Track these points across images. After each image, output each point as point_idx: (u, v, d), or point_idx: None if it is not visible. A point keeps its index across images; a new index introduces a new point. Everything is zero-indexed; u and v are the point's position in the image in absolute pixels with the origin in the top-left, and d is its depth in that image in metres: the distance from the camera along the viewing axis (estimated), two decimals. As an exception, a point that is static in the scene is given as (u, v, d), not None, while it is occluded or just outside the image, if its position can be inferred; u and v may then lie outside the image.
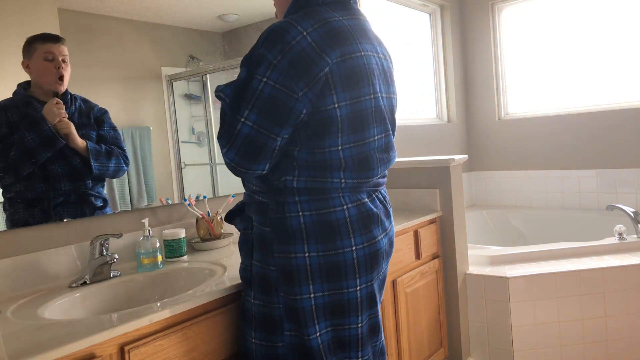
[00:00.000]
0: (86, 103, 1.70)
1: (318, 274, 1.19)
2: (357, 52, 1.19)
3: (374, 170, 1.26)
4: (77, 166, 1.65)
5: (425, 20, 3.78)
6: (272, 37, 1.13)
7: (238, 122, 1.13)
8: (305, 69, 1.12)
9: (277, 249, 1.21)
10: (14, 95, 1.53)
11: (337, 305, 1.22)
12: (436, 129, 3.64)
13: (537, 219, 3.61)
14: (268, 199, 1.24)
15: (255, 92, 1.12)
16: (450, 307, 2.48)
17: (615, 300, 2.33)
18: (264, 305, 1.25)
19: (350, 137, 1.19)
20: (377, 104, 1.24)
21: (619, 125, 3.34)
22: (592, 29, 3.46)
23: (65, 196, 1.62)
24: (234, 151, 1.14)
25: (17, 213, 1.53)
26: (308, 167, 1.19)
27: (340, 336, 1.24)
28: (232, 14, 2.22)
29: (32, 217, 1.55)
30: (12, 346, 1.03)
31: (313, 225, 1.19)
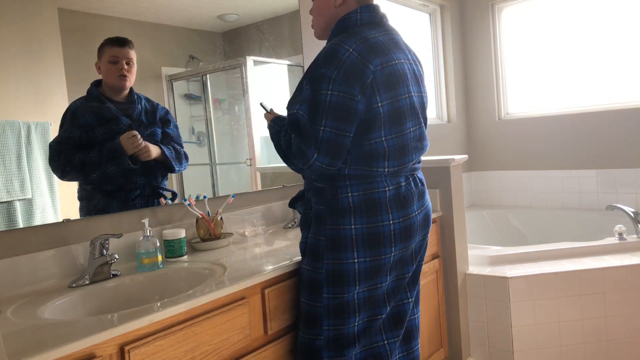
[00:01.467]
0: (150, 102, 1.87)
1: (361, 242, 1.44)
2: (393, 61, 1.45)
3: (411, 156, 1.51)
4: (150, 164, 1.84)
5: (425, 20, 3.78)
6: (327, 58, 1.39)
7: (319, 131, 1.37)
8: (358, 77, 1.37)
9: (329, 222, 1.46)
10: (88, 94, 1.69)
11: (375, 269, 1.46)
12: (436, 129, 3.64)
13: (537, 219, 3.61)
14: (325, 184, 1.49)
15: (325, 104, 1.37)
16: (450, 307, 2.48)
17: (615, 300, 2.33)
18: (311, 270, 1.48)
19: (391, 129, 1.44)
20: (412, 102, 1.49)
21: (619, 125, 3.34)
22: (592, 29, 3.46)
23: (141, 189, 1.83)
24: (324, 154, 1.37)
25: (93, 203, 1.71)
26: (358, 157, 1.44)
27: (373, 295, 1.49)
28: (232, 14, 2.23)
29: (109, 206, 1.74)
30: (12, 346, 1.03)
31: (360, 203, 1.45)
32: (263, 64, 2.40)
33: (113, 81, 1.75)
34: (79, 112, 1.66)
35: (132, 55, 1.79)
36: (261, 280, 1.47)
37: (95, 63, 1.71)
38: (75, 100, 1.65)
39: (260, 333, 1.49)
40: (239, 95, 2.30)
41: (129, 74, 1.79)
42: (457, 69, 3.88)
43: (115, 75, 1.75)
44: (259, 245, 1.93)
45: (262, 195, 2.32)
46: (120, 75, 1.76)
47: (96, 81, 1.71)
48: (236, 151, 2.29)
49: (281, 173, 2.44)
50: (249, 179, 2.34)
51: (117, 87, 1.76)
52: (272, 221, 2.33)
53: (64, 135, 1.63)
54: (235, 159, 2.30)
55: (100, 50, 1.72)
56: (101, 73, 1.73)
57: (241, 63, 2.28)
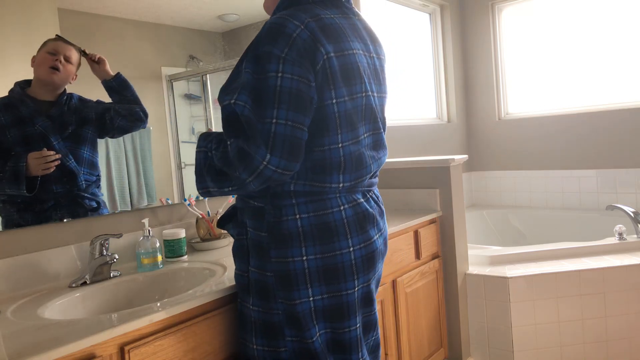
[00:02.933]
0: (82, 101, 1.70)
1: (316, 276, 1.18)
2: (349, 50, 1.19)
3: (368, 169, 1.25)
4: (69, 167, 1.64)
5: (425, 20, 3.78)
6: (272, 33, 1.11)
7: (269, 124, 1.07)
8: (311, 59, 1.11)
9: (274, 254, 1.19)
10: (9, 93, 1.53)
11: (336, 308, 1.21)
12: (436, 129, 3.64)
13: (537, 219, 3.60)
14: (264, 203, 1.21)
15: (275, 89, 1.08)
16: (450, 307, 2.48)
17: (615, 300, 2.33)
18: (263, 312, 1.23)
19: (348, 134, 1.18)
20: (369, 102, 1.23)
21: (619, 125, 3.34)
22: (592, 29, 3.46)
23: (57, 199, 1.62)
24: (278, 155, 1.07)
25: (10, 216, 1.53)
26: (307, 169, 1.17)
27: (338, 339, 1.24)
28: (232, 14, 2.22)
29: (24, 220, 1.55)
30: (12, 346, 1.03)
31: (311, 227, 1.18)
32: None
33: (42, 73, 1.58)
34: None
35: (74, 56, 1.65)
36: (261, 280, 1.47)
37: (32, 57, 1.56)
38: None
39: (260, 333, 1.49)
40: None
41: (63, 69, 1.61)
42: (457, 69, 3.88)
43: (46, 66, 1.58)
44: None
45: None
46: (52, 66, 1.58)
47: (24, 81, 1.56)
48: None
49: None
50: (249, 179, 2.33)
51: (46, 80, 1.59)
52: (272, 221, 2.32)
53: None
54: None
55: (43, 44, 1.59)
56: (34, 66, 1.56)
57: (241, 63, 2.28)
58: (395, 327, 2.13)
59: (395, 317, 2.13)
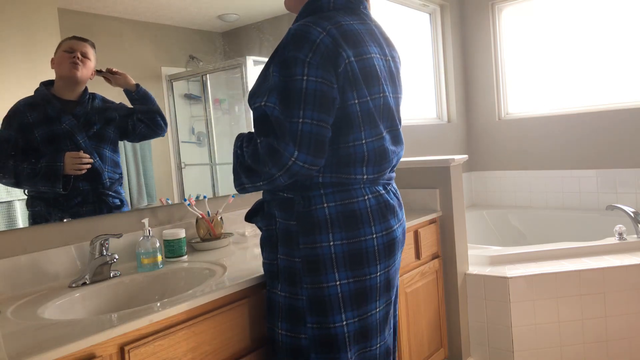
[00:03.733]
0: (105, 102, 1.76)
1: (342, 261, 1.26)
2: (368, 54, 1.28)
3: (389, 162, 1.35)
4: (93, 165, 1.70)
5: (425, 20, 3.78)
6: (296, 39, 1.21)
7: (296, 123, 1.17)
8: (334, 63, 1.20)
9: (302, 241, 1.28)
10: (35, 93, 1.59)
11: (362, 292, 1.29)
12: (436, 129, 3.64)
13: (537, 219, 3.61)
14: (294, 194, 1.30)
15: (301, 91, 1.18)
16: (450, 307, 2.48)
17: (615, 300, 2.33)
18: (290, 297, 1.31)
19: (371, 131, 1.28)
20: (386, 102, 1.33)
21: (619, 125, 3.34)
22: (592, 29, 3.46)
23: (83, 196, 1.68)
24: (305, 151, 1.17)
25: (38, 211, 1.59)
26: (333, 163, 1.27)
27: (364, 325, 1.31)
28: (232, 14, 2.22)
29: (51, 215, 1.61)
30: (12, 346, 1.03)
31: (337, 215, 1.27)
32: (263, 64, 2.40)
33: (64, 70, 1.63)
34: (20, 112, 1.55)
35: (90, 52, 1.69)
36: (261, 280, 1.47)
37: (51, 59, 1.61)
38: (20, 99, 1.55)
39: (260, 333, 1.49)
40: (239, 95, 2.30)
41: (83, 65, 1.67)
42: (457, 69, 3.88)
43: (67, 63, 1.64)
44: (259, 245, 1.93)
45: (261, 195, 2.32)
46: (72, 62, 1.64)
47: (48, 80, 1.61)
48: (236, 151, 2.29)
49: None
50: (249, 179, 2.33)
51: (68, 76, 1.64)
52: (272, 221, 2.32)
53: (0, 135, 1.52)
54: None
55: (58, 45, 1.63)
56: (54, 66, 1.62)
57: (241, 63, 2.28)
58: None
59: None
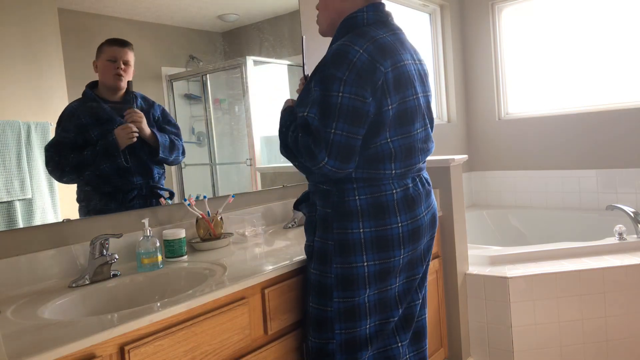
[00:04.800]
0: (146, 101, 1.86)
1: (370, 245, 1.44)
2: (401, 62, 1.44)
3: (417, 158, 1.52)
4: (146, 162, 1.84)
5: (425, 20, 3.78)
6: (336, 58, 1.38)
7: (330, 134, 1.36)
8: (369, 79, 1.37)
9: (336, 226, 1.46)
10: (83, 96, 1.68)
11: (385, 272, 1.47)
12: (436, 129, 3.63)
13: (537, 219, 3.61)
14: (331, 187, 1.49)
15: (336, 106, 1.36)
16: (450, 307, 2.48)
17: (615, 300, 2.33)
18: (320, 274, 1.48)
19: (397, 130, 1.44)
20: (419, 103, 1.51)
21: (619, 125, 3.34)
22: (592, 29, 3.46)
23: (138, 189, 1.82)
24: (334, 157, 1.37)
25: (92, 204, 1.71)
26: (364, 161, 1.43)
27: (385, 297, 1.49)
28: (232, 14, 2.22)
29: (108, 207, 1.73)
30: (12, 346, 1.03)
31: (367, 206, 1.45)
32: (263, 64, 2.40)
33: (109, 80, 1.75)
34: (75, 114, 1.66)
35: (130, 56, 1.80)
36: (261, 280, 1.47)
37: (93, 62, 1.71)
38: (71, 102, 1.65)
39: (260, 333, 1.49)
40: (239, 95, 2.30)
41: (125, 74, 1.78)
42: (457, 69, 3.88)
43: (111, 74, 1.75)
44: (259, 245, 1.93)
45: (262, 195, 2.32)
46: (116, 74, 1.76)
47: (92, 82, 1.71)
48: (236, 151, 2.29)
49: (281, 173, 2.44)
50: (249, 179, 2.34)
51: (113, 86, 1.76)
52: (272, 221, 2.33)
53: (60, 137, 1.63)
54: (235, 159, 2.30)
55: (99, 49, 1.73)
56: (98, 72, 1.73)
57: (241, 63, 2.28)
58: (395, 327, 2.13)
59: (395, 317, 2.13)
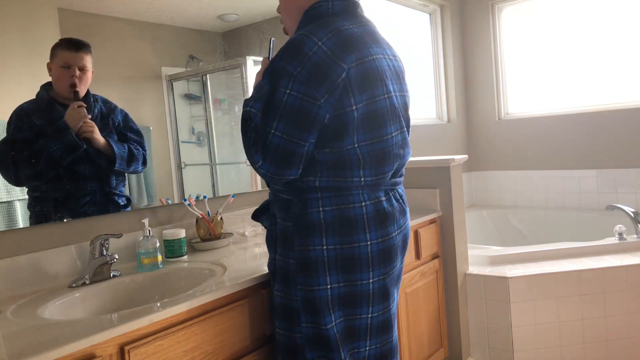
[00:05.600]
0: (107, 104, 1.74)
1: (334, 265, 1.27)
2: (369, 56, 1.27)
3: (390, 165, 1.34)
4: (102, 167, 1.71)
5: (425, 20, 3.78)
6: (290, 50, 1.22)
7: (268, 134, 1.22)
8: (325, 77, 1.20)
9: (297, 242, 1.29)
10: (37, 97, 1.57)
11: (351, 296, 1.29)
12: (436, 129, 3.64)
13: (537, 219, 3.60)
14: (292, 196, 1.32)
15: (280, 104, 1.21)
16: (450, 307, 2.48)
17: (615, 300, 2.33)
18: (284, 297, 1.33)
19: (366, 134, 1.27)
20: (392, 103, 1.32)
21: (619, 125, 3.34)
22: (592, 29, 3.46)
23: (92, 195, 1.69)
24: (269, 161, 1.22)
25: (43, 211, 1.58)
26: (329, 167, 1.27)
27: (351, 326, 1.31)
28: (232, 14, 2.22)
29: (58, 215, 1.60)
30: (12, 346, 1.03)
31: (332, 220, 1.27)
32: (263, 64, 2.40)
33: (62, 89, 1.61)
34: (25, 115, 1.54)
35: (87, 61, 1.65)
36: (261, 280, 1.47)
37: (47, 63, 1.58)
38: (22, 103, 1.53)
39: (260, 333, 1.49)
40: (239, 95, 2.30)
41: (81, 82, 1.63)
42: (457, 69, 3.88)
43: (65, 84, 1.61)
44: (259, 245, 1.93)
45: (262, 195, 2.32)
46: (70, 84, 1.62)
47: (48, 83, 1.58)
48: (236, 151, 2.29)
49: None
50: (249, 179, 2.34)
51: (67, 96, 1.62)
52: (272, 221, 2.32)
53: (12, 137, 1.51)
54: (235, 159, 2.30)
55: (53, 51, 1.59)
56: (52, 76, 1.59)
57: (241, 63, 2.28)
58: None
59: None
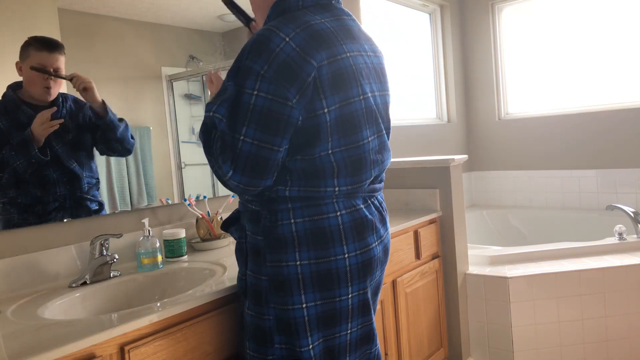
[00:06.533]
0: (77, 103, 1.67)
1: (310, 282, 1.16)
2: (342, 54, 1.16)
3: (368, 173, 1.22)
4: (73, 170, 1.65)
5: (425, 20, 3.78)
6: (256, 47, 1.11)
7: (237, 140, 1.10)
8: (294, 75, 1.09)
9: (269, 258, 1.18)
10: (3, 98, 1.50)
11: (329, 315, 1.19)
12: (436, 129, 3.64)
13: (537, 219, 3.60)
14: (261, 207, 1.21)
15: (248, 107, 1.09)
16: (450, 307, 2.48)
17: (615, 300, 2.33)
18: (256, 316, 1.22)
19: (340, 140, 1.16)
20: (368, 105, 1.21)
21: (619, 125, 3.33)
22: (592, 29, 3.46)
23: (61, 201, 1.62)
24: (240, 172, 1.11)
25: (11, 217, 1.51)
26: (300, 176, 1.16)
27: (330, 346, 1.21)
28: (232, 14, 2.22)
29: (26, 221, 1.54)
30: (12, 346, 1.03)
31: (305, 232, 1.17)
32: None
33: (36, 92, 1.55)
34: None
35: (62, 62, 1.59)
36: (261, 280, 1.47)
37: (16, 62, 1.51)
38: None
39: (260, 333, 1.49)
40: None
41: (55, 85, 1.58)
42: (457, 69, 3.88)
43: (39, 86, 1.55)
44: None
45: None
46: (45, 86, 1.56)
47: (15, 83, 1.52)
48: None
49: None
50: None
51: (40, 99, 1.57)
52: (272, 221, 2.32)
53: None
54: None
55: (25, 49, 1.52)
56: (23, 77, 1.52)
57: (241, 63, 2.28)
58: (395, 327, 2.13)
59: (395, 317, 2.13)
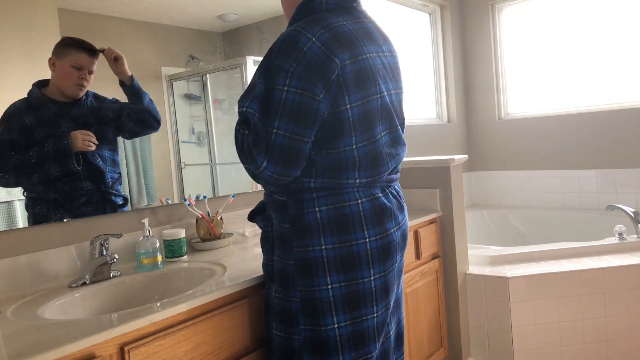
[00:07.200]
0: (97, 99, 1.73)
1: (334, 265, 1.26)
2: (363, 55, 1.25)
3: (385, 166, 1.33)
4: (98, 166, 1.70)
5: (425, 20, 3.78)
6: (284, 47, 1.20)
7: (271, 133, 1.19)
8: (321, 72, 1.18)
9: (295, 244, 1.28)
10: (29, 95, 1.56)
11: (354, 296, 1.28)
12: (436, 129, 3.64)
13: (537, 219, 3.60)
14: (287, 198, 1.31)
15: (280, 102, 1.19)
16: (450, 307, 2.48)
17: (615, 300, 2.33)
18: (283, 298, 1.31)
19: (362, 135, 1.26)
20: (384, 103, 1.31)
21: (619, 125, 3.34)
22: (592, 29, 3.46)
23: (88, 195, 1.68)
24: (274, 163, 1.20)
25: (41, 212, 1.57)
26: (324, 169, 1.26)
27: (360, 329, 1.29)
28: (232, 14, 2.22)
29: (56, 215, 1.60)
30: (12, 346, 1.03)
31: (329, 219, 1.27)
32: (263, 64, 2.40)
33: (69, 88, 1.63)
34: (17, 115, 1.53)
35: (95, 66, 1.70)
36: (261, 280, 1.47)
37: (49, 59, 1.59)
38: (14, 102, 1.53)
39: (260, 333, 1.49)
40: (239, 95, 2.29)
41: (88, 84, 1.68)
42: (457, 69, 3.88)
43: (74, 83, 1.64)
44: (259, 245, 1.93)
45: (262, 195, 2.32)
46: (79, 84, 1.65)
47: (40, 81, 1.58)
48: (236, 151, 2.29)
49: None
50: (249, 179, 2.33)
51: (72, 95, 1.65)
52: (272, 221, 2.32)
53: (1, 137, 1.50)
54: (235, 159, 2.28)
55: (62, 48, 1.60)
56: (55, 72, 1.60)
57: (241, 63, 2.28)
58: (395, 327, 2.13)
59: (395, 317, 2.13)
